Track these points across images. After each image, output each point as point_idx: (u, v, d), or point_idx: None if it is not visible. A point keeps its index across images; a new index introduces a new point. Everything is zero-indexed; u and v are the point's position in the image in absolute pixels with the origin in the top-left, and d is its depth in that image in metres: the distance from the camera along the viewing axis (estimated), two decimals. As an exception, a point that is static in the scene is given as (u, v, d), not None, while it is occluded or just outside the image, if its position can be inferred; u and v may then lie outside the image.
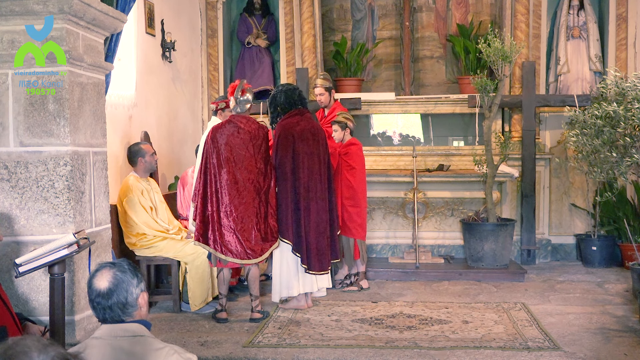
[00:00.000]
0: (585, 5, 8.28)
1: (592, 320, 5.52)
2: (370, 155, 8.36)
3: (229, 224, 5.48)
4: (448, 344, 4.91)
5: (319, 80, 7.25)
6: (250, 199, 5.54)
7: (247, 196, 5.53)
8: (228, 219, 5.48)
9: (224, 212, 5.49)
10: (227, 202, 5.49)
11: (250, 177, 5.55)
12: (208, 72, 8.82)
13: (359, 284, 6.71)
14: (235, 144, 5.53)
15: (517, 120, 8.21)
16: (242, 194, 5.51)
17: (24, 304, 4.32)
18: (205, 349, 4.88)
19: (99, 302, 2.45)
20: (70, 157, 4.32)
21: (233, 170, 5.51)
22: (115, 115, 6.01)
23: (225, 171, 5.50)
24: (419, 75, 9.14)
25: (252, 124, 5.66)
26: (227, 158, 5.51)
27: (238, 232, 5.48)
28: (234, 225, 5.48)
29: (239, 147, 5.53)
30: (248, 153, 5.55)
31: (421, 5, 9.16)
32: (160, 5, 7.33)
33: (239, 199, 5.50)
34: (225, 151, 5.50)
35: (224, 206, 5.49)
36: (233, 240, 5.48)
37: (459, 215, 7.94)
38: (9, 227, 4.28)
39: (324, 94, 7.15)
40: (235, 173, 5.51)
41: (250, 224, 5.53)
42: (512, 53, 6.95)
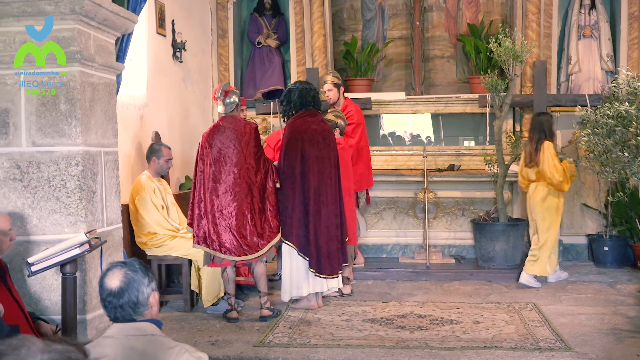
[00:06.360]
0: (596, 5, 8.24)
1: (604, 321, 5.49)
2: (381, 155, 8.35)
3: (225, 222, 5.51)
4: (459, 344, 4.89)
5: (328, 76, 7.25)
6: (243, 195, 5.55)
7: (240, 193, 5.54)
8: (224, 218, 5.51)
9: (219, 212, 5.52)
10: (221, 202, 5.52)
11: (241, 174, 5.56)
12: (218, 72, 8.83)
13: (340, 290, 6.36)
14: (223, 144, 5.57)
15: (528, 120, 8.16)
16: (235, 192, 5.53)
17: (36, 302, 4.34)
18: (216, 348, 4.90)
19: (111, 301, 2.46)
20: (81, 157, 4.34)
21: (223, 170, 5.54)
22: (127, 115, 6.03)
23: (215, 171, 5.54)
24: (429, 75, 9.13)
25: (238, 122, 5.69)
26: (216, 159, 5.55)
27: (234, 229, 5.51)
28: (230, 224, 5.50)
29: (226, 147, 5.56)
30: (236, 150, 5.57)
31: (432, 5, 9.15)
32: (171, 6, 7.35)
33: (232, 197, 5.52)
34: (215, 152, 5.55)
35: (219, 206, 5.52)
36: (230, 238, 5.50)
37: (470, 215, 7.92)
38: (22, 227, 4.31)
39: (332, 90, 7.14)
40: (226, 172, 5.54)
41: (244, 220, 5.54)
42: (523, 52, 6.92)
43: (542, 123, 6.82)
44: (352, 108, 7.17)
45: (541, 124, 6.82)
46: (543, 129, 6.79)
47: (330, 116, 6.57)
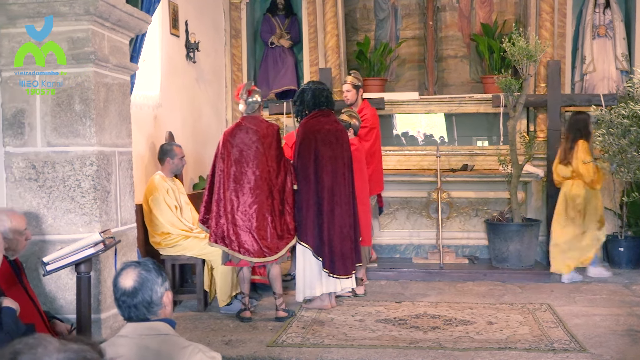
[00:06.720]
0: (611, 4, 8.19)
1: (619, 322, 5.46)
2: (394, 155, 8.35)
3: (244, 223, 5.50)
4: (472, 345, 4.88)
5: (349, 77, 7.24)
6: (264, 197, 5.56)
7: (260, 195, 5.54)
8: (243, 219, 5.51)
9: (239, 213, 5.51)
10: (241, 202, 5.51)
11: (262, 176, 5.56)
12: (232, 72, 8.85)
13: (354, 290, 6.36)
14: (245, 144, 5.56)
15: (542, 119, 8.14)
16: (255, 193, 5.53)
17: (51, 302, 4.36)
18: (229, 348, 4.91)
19: (125, 301, 2.48)
20: (96, 157, 4.36)
21: (245, 171, 5.53)
22: (140, 116, 6.06)
23: (236, 171, 5.53)
24: (442, 75, 9.10)
25: (260, 123, 5.68)
26: (237, 159, 5.54)
27: (254, 230, 5.51)
28: (250, 225, 5.50)
29: (249, 148, 5.56)
30: (258, 152, 5.57)
31: (445, 5, 9.12)
32: (185, 6, 7.38)
33: (253, 198, 5.52)
34: (237, 152, 5.55)
35: (239, 206, 5.51)
36: (249, 239, 5.50)
37: (483, 216, 7.90)
38: (37, 226, 4.33)
39: (351, 91, 7.13)
40: (247, 173, 5.53)
41: (265, 222, 5.54)
42: (537, 52, 6.89)
43: (579, 122, 7.05)
44: (368, 111, 7.14)
45: (577, 123, 7.05)
46: (579, 128, 7.01)
47: (344, 116, 6.55)
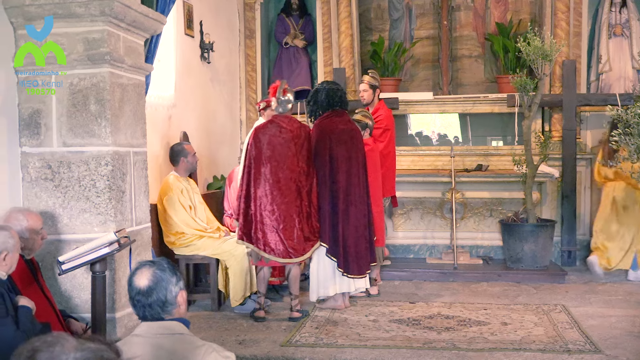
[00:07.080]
0: (627, 3, 8.13)
1: (635, 324, 5.41)
2: (408, 155, 8.33)
3: (271, 223, 5.51)
4: (487, 346, 4.86)
5: (366, 76, 7.16)
6: (293, 198, 5.56)
7: (289, 195, 5.55)
8: (271, 218, 5.51)
9: (266, 211, 5.52)
10: (269, 201, 5.51)
11: (292, 177, 5.57)
12: (246, 72, 8.88)
13: (367, 290, 6.34)
14: (277, 143, 5.56)
15: (557, 119, 8.10)
16: (284, 193, 5.53)
17: (66, 301, 4.40)
18: (243, 347, 4.92)
19: (139, 300, 2.49)
20: (111, 157, 4.39)
21: (275, 170, 5.53)
22: (155, 116, 6.09)
23: (267, 170, 5.53)
24: (457, 75, 9.07)
25: (293, 123, 5.69)
26: (269, 157, 5.54)
27: (280, 231, 5.51)
28: (277, 225, 5.51)
29: (281, 147, 5.56)
30: (290, 152, 5.57)
31: (459, 4, 9.09)
32: (199, 7, 7.40)
33: (281, 198, 5.52)
34: (268, 151, 5.54)
35: (267, 205, 5.52)
36: (275, 239, 5.51)
37: (498, 216, 7.86)
38: (52, 226, 4.37)
39: (368, 91, 7.05)
40: (278, 172, 5.53)
41: (292, 223, 5.55)
42: (552, 52, 6.85)
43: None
44: (383, 112, 7.06)
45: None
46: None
47: (358, 116, 6.54)
